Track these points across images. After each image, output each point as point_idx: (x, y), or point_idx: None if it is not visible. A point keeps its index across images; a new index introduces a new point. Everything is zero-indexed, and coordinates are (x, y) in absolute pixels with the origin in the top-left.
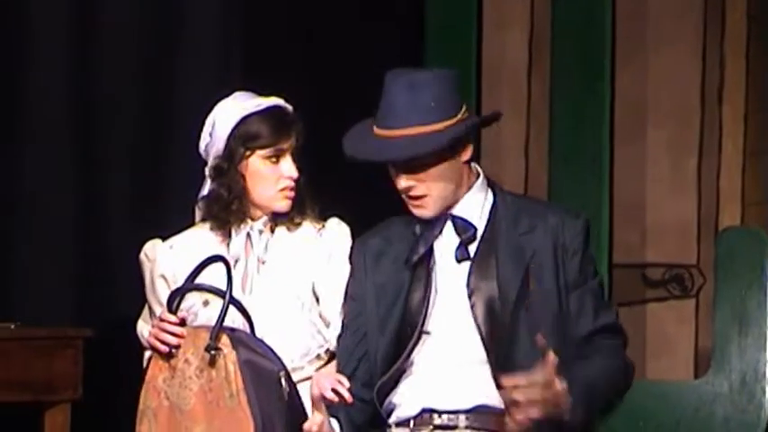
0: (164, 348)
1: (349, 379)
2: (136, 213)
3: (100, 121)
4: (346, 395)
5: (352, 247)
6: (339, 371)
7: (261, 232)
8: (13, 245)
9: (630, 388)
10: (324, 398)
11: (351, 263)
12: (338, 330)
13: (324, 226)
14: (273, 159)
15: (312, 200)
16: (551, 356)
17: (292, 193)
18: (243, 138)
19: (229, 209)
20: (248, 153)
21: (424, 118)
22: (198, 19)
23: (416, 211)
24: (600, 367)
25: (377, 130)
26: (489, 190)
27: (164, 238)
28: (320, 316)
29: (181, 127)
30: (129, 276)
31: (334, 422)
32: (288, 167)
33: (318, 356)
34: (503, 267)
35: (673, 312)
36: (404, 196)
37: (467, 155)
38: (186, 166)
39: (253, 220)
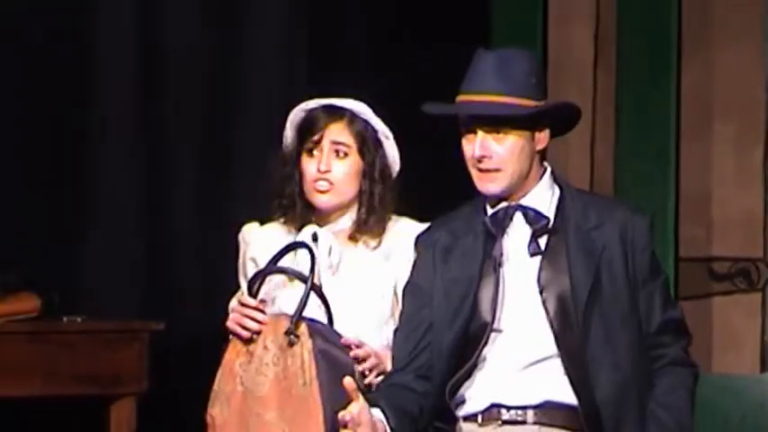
0: (245, 334)
1: (406, 370)
2: (204, 203)
3: (167, 112)
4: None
5: (417, 240)
6: (394, 363)
7: (327, 237)
8: (80, 237)
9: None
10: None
11: (417, 255)
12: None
13: (380, 242)
14: (310, 153)
15: (381, 216)
16: None
17: (324, 188)
18: (295, 134)
19: (281, 201)
20: (299, 148)
21: (515, 89)
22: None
23: (485, 185)
24: (680, 397)
25: (460, 98)
26: (555, 185)
27: (261, 222)
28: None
29: (251, 116)
30: (196, 268)
31: (377, 411)
32: (319, 159)
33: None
34: (574, 262)
35: (739, 306)
36: (473, 170)
37: (542, 143)
38: (257, 156)
39: (320, 224)
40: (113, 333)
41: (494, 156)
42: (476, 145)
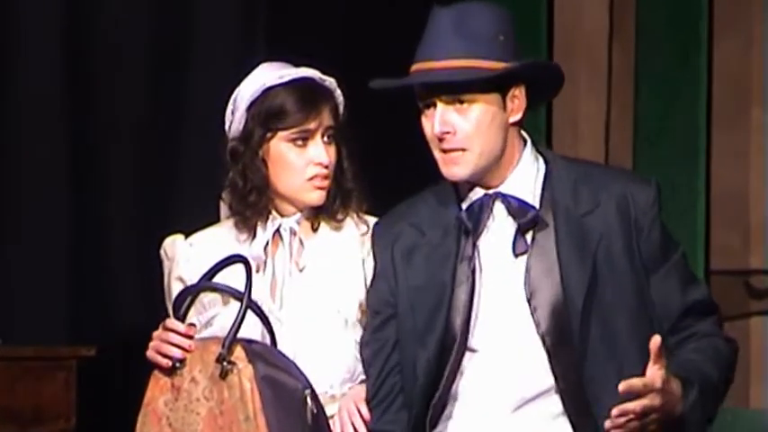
0: (165, 362)
1: (374, 401)
2: (141, 211)
3: (97, 101)
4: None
5: (373, 235)
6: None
7: (293, 232)
8: None
9: (732, 414)
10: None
11: (374, 258)
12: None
13: (369, 227)
14: (300, 142)
15: (360, 194)
16: (657, 351)
17: (325, 183)
18: (262, 116)
19: (246, 201)
20: (269, 135)
21: (478, 50)
22: None
23: (449, 169)
24: (704, 352)
25: (414, 66)
26: (540, 158)
27: (186, 234)
28: None
29: (194, 106)
30: (132, 285)
31: None
32: (317, 152)
33: (363, 384)
34: (565, 260)
35: None
36: (435, 152)
37: (517, 113)
38: (202, 151)
39: (282, 216)
40: (35, 360)
41: (458, 131)
42: (435, 120)
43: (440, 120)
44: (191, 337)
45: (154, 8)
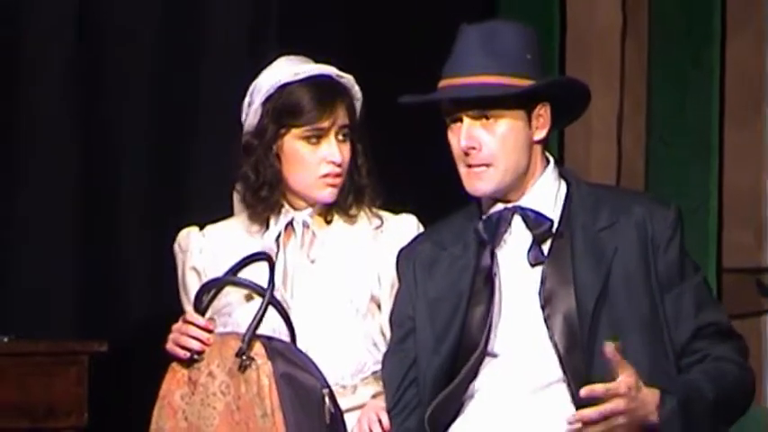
0: (183, 354)
1: (394, 412)
2: (153, 206)
3: (109, 91)
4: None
5: (397, 257)
6: (386, 396)
7: (306, 225)
8: (8, 245)
9: (745, 411)
10: None
11: (398, 275)
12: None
13: (383, 222)
14: (313, 140)
15: (374, 190)
16: (615, 357)
17: (337, 181)
18: (276, 112)
19: (258, 195)
20: (283, 131)
21: (504, 66)
22: None
23: (473, 184)
24: (706, 372)
25: (442, 82)
26: (562, 179)
27: (200, 227)
28: (380, 328)
29: (207, 98)
30: (144, 280)
31: None
32: (330, 150)
33: (375, 375)
34: (579, 269)
35: None
36: (461, 167)
37: (542, 131)
38: (215, 144)
39: (295, 209)
40: (47, 356)
41: (483, 147)
42: (461, 135)
43: (466, 134)
44: (210, 331)
45: (164, 4)
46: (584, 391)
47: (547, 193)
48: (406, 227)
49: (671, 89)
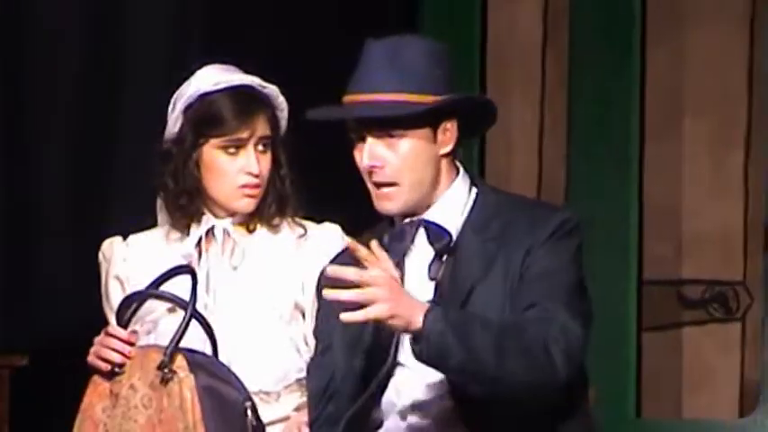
0: (104, 366)
1: (315, 425)
2: (75, 217)
3: (27, 103)
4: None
5: (319, 275)
6: (309, 406)
7: (227, 233)
8: None
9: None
10: None
11: (316, 291)
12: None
13: (306, 231)
14: (232, 150)
15: (296, 201)
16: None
17: (255, 192)
18: (196, 121)
19: (177, 203)
20: (202, 140)
21: (409, 84)
22: None
23: (381, 204)
24: (500, 324)
25: (345, 98)
26: (474, 188)
27: (125, 236)
28: (304, 336)
29: (128, 110)
30: (69, 291)
31: None
32: (248, 161)
33: (300, 382)
34: (470, 283)
35: (714, 338)
36: (369, 185)
37: (447, 145)
38: (137, 156)
39: (217, 218)
40: None
41: (387, 165)
42: (364, 154)
43: (368, 153)
44: (132, 344)
45: (86, 11)
46: (349, 242)
47: (454, 205)
48: (330, 236)
49: (591, 102)
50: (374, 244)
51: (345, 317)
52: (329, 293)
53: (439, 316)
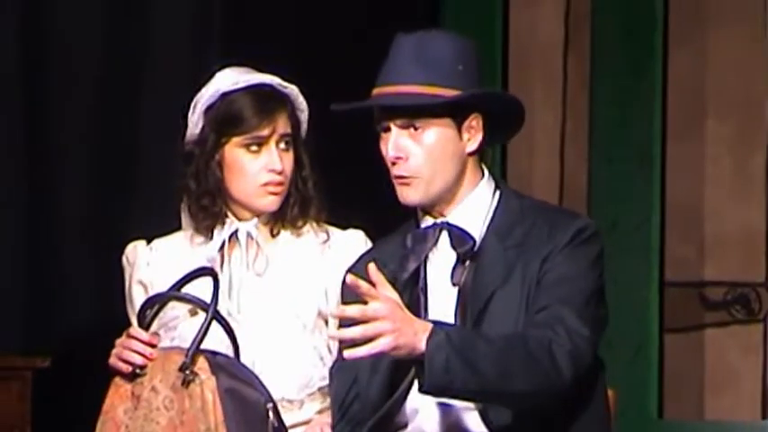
0: (126, 368)
1: (338, 427)
2: (99, 220)
3: (50, 105)
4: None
5: (343, 279)
6: (332, 410)
7: (251, 236)
8: None
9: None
10: None
11: (341, 295)
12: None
13: (329, 236)
14: (254, 148)
15: (319, 203)
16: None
17: (278, 189)
18: (217, 121)
19: (199, 204)
20: (224, 140)
21: (435, 77)
22: None
23: (402, 193)
24: (504, 337)
25: (374, 91)
26: (498, 192)
27: (149, 240)
28: (327, 343)
29: (151, 113)
30: (91, 293)
31: None
32: (270, 158)
33: (322, 391)
34: (491, 290)
35: (736, 340)
36: (393, 177)
37: (474, 144)
38: (161, 159)
39: (240, 220)
40: None
41: (409, 157)
42: (389, 145)
43: (393, 144)
44: (153, 346)
45: (108, 14)
46: (349, 278)
47: (478, 208)
48: (353, 242)
49: (613, 104)
50: (372, 268)
51: (349, 354)
52: (349, 354)
53: (442, 341)
